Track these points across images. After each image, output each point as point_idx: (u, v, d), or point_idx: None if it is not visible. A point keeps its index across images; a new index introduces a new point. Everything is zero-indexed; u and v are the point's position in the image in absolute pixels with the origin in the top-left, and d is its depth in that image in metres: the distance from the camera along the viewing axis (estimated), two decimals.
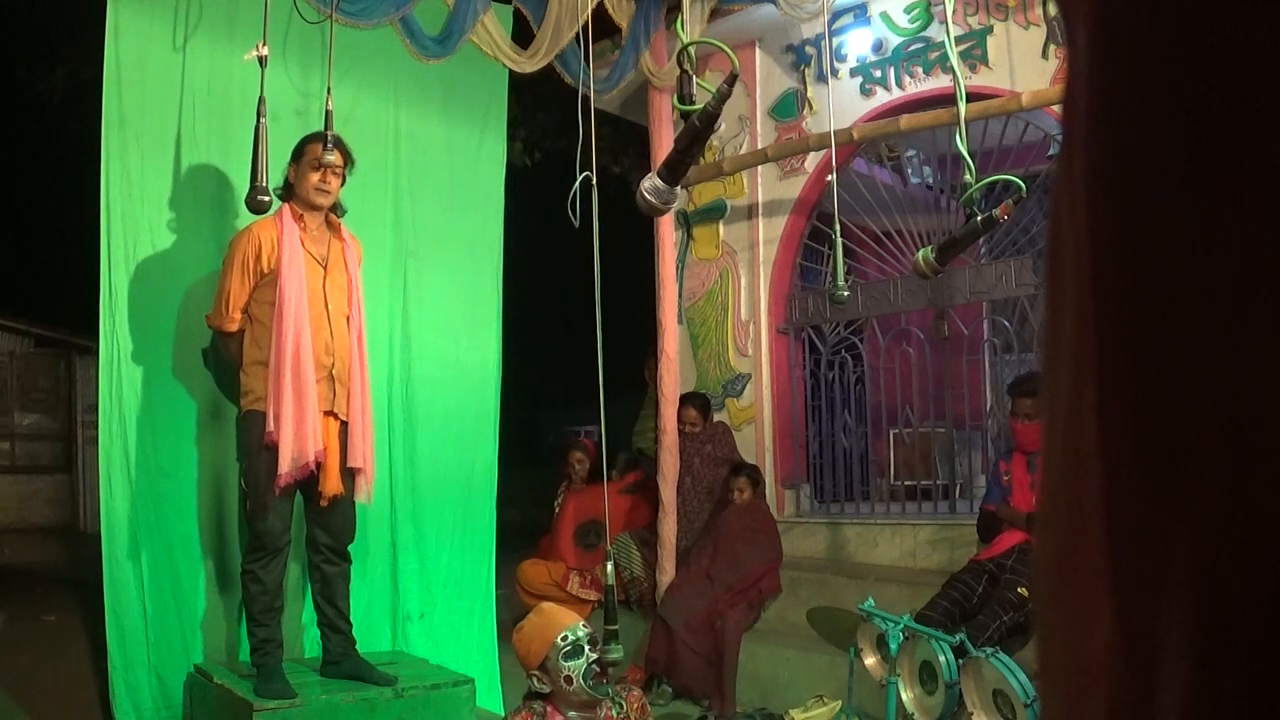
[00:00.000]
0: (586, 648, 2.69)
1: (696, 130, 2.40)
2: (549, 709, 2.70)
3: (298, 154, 3.58)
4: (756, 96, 6.08)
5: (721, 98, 2.31)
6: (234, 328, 3.57)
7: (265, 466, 3.42)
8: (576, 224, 3.14)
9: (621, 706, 2.76)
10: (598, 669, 2.67)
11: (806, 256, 6.20)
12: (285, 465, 3.38)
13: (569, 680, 2.65)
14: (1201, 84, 0.35)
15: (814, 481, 6.10)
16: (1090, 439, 0.39)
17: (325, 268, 3.58)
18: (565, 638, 2.68)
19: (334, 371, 3.55)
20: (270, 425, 3.39)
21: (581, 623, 2.78)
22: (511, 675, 3.07)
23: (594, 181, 3.15)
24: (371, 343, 3.92)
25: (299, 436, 3.40)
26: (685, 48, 2.50)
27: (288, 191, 3.57)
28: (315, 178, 3.52)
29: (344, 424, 3.57)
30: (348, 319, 3.61)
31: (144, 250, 3.83)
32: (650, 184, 2.55)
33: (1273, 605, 0.33)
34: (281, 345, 3.42)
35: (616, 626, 2.73)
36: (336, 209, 3.66)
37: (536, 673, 2.72)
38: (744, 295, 6.15)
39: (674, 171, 2.52)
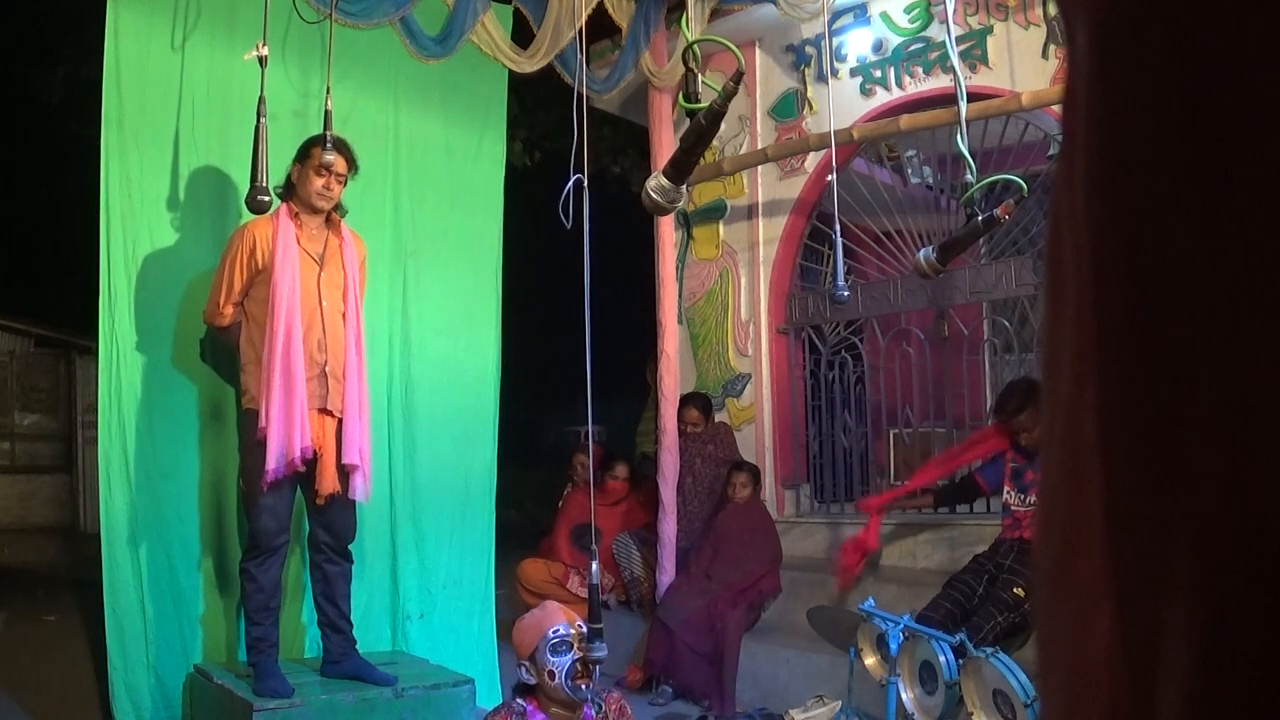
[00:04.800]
0: (573, 645, 2.72)
1: (702, 129, 2.39)
2: (529, 708, 2.72)
3: (303, 155, 3.57)
4: (756, 96, 6.08)
5: (728, 96, 2.31)
6: (224, 322, 3.59)
7: (258, 464, 3.42)
8: (568, 225, 3.15)
9: (600, 707, 2.78)
10: (579, 669, 2.70)
11: (806, 256, 6.19)
12: (272, 461, 3.38)
13: (551, 675, 2.69)
14: (1201, 83, 0.35)
15: (814, 481, 6.10)
16: (1090, 438, 0.39)
17: (321, 264, 3.58)
18: (556, 630, 2.73)
19: (327, 368, 3.54)
20: (262, 421, 3.40)
21: (578, 622, 2.81)
22: (511, 675, 3.07)
23: (585, 184, 3.17)
24: (371, 343, 3.91)
25: (286, 433, 3.40)
26: (691, 45, 2.49)
27: (288, 190, 3.56)
28: (319, 182, 3.52)
29: (340, 421, 3.57)
30: (344, 315, 3.61)
31: (143, 250, 3.84)
32: (656, 183, 2.56)
33: (1273, 605, 0.33)
34: (272, 341, 3.42)
35: (600, 625, 2.77)
36: (338, 209, 3.66)
37: (526, 663, 2.77)
38: (744, 295, 6.14)
39: (680, 170, 2.52)
